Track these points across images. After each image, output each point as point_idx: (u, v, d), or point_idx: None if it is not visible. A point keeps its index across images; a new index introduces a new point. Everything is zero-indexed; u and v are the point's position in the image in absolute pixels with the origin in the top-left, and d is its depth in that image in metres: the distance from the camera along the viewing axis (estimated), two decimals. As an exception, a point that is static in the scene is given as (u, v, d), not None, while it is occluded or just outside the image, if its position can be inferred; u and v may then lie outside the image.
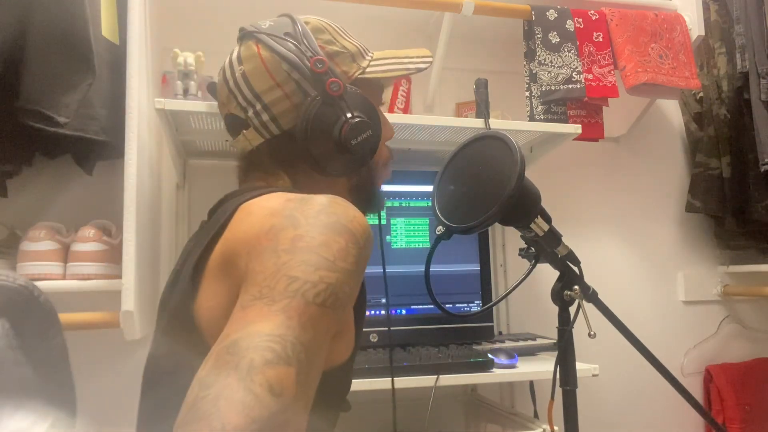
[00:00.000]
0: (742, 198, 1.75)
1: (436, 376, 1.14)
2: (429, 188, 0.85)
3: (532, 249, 0.87)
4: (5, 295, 0.47)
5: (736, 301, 1.88)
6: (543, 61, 1.47)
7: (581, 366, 1.12)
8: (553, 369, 0.83)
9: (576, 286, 0.83)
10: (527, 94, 1.48)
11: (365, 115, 0.74)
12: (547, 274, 0.89)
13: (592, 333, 0.78)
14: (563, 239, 0.83)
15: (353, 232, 0.56)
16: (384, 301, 1.37)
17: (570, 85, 1.46)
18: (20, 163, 1.24)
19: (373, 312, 1.35)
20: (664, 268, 1.84)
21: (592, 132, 1.53)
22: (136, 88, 1.09)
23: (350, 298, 0.56)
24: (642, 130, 1.85)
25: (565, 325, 0.84)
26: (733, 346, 1.86)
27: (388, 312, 1.36)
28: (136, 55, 1.11)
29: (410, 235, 1.43)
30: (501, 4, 1.49)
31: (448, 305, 1.39)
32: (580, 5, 1.55)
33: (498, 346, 1.34)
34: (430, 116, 1.47)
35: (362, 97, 0.75)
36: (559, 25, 1.50)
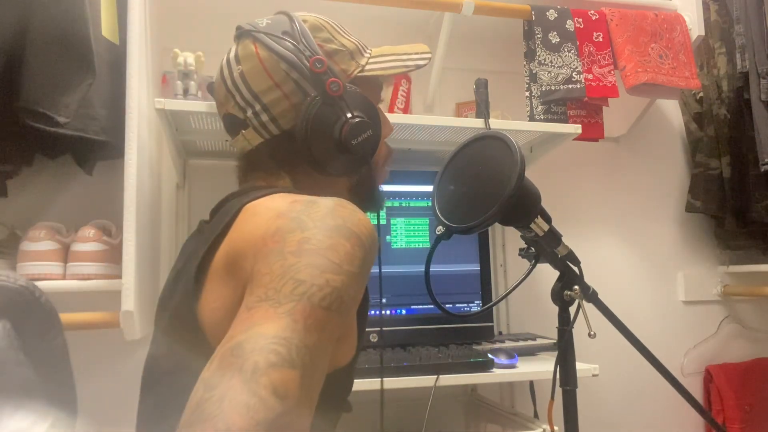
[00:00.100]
0: (742, 198, 1.75)
1: (436, 376, 1.14)
2: (429, 188, 0.85)
3: (532, 249, 0.87)
4: (6, 296, 0.47)
5: (736, 301, 1.88)
6: (543, 61, 1.47)
7: (581, 366, 1.12)
8: (553, 369, 0.83)
9: (576, 286, 0.83)
10: (527, 94, 1.48)
11: (365, 115, 0.73)
12: (547, 274, 0.89)
13: (592, 333, 0.78)
14: (563, 239, 0.83)
15: (359, 236, 0.56)
16: (384, 300, 1.37)
17: (570, 85, 1.46)
18: (20, 163, 1.24)
19: (372, 312, 1.34)
20: (664, 268, 1.84)
21: (592, 132, 1.53)
22: (136, 88, 1.09)
23: (355, 302, 0.56)
24: (642, 130, 1.85)
25: (565, 325, 0.84)
26: (733, 346, 1.86)
27: (381, 312, 1.36)
28: (136, 55, 1.11)
29: (410, 235, 1.43)
30: (501, 4, 1.49)
31: (448, 305, 1.39)
32: (580, 5, 1.55)
33: (498, 346, 1.34)
34: (430, 116, 1.47)
35: (362, 96, 0.74)
36: (559, 25, 1.50)
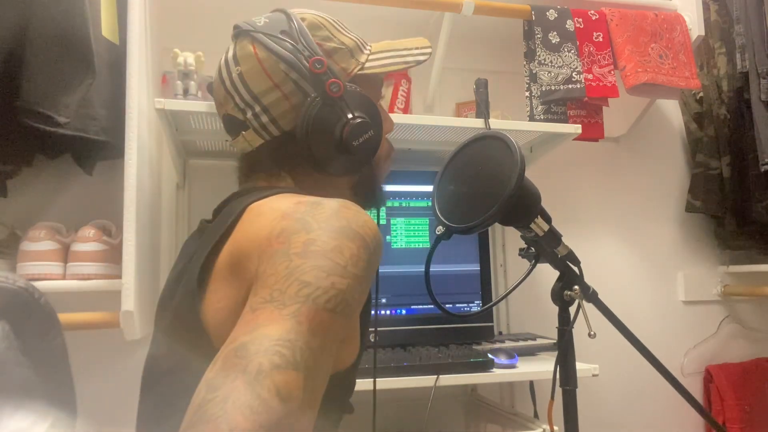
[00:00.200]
0: (742, 198, 1.75)
1: (436, 376, 1.14)
2: (429, 188, 0.85)
3: (532, 249, 0.87)
4: (5, 297, 0.47)
5: (736, 301, 1.88)
6: (543, 61, 1.47)
7: (581, 366, 1.12)
8: (553, 369, 0.83)
9: (576, 286, 0.82)
10: (527, 94, 1.48)
11: (366, 114, 0.73)
12: (547, 274, 0.89)
13: (592, 333, 0.78)
14: (563, 239, 0.83)
15: (364, 238, 0.55)
16: (384, 300, 1.37)
17: (570, 85, 1.46)
18: (20, 163, 1.24)
19: (372, 312, 1.34)
20: (664, 268, 1.84)
21: (592, 132, 1.53)
22: (136, 88, 1.09)
23: (359, 304, 0.55)
24: (642, 130, 1.84)
25: (565, 325, 0.84)
26: (733, 346, 1.85)
27: (376, 312, 1.35)
28: (136, 55, 1.11)
29: (410, 235, 1.43)
30: (501, 4, 1.49)
31: (448, 305, 1.39)
32: (580, 5, 1.55)
33: (498, 346, 1.34)
34: (430, 116, 1.47)
35: (362, 96, 0.74)
36: (559, 25, 1.50)
